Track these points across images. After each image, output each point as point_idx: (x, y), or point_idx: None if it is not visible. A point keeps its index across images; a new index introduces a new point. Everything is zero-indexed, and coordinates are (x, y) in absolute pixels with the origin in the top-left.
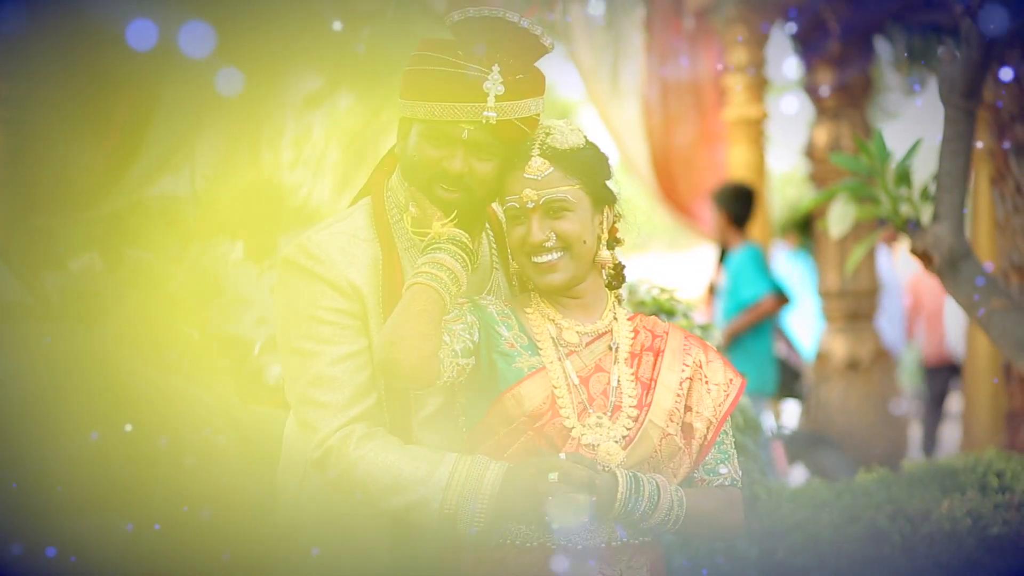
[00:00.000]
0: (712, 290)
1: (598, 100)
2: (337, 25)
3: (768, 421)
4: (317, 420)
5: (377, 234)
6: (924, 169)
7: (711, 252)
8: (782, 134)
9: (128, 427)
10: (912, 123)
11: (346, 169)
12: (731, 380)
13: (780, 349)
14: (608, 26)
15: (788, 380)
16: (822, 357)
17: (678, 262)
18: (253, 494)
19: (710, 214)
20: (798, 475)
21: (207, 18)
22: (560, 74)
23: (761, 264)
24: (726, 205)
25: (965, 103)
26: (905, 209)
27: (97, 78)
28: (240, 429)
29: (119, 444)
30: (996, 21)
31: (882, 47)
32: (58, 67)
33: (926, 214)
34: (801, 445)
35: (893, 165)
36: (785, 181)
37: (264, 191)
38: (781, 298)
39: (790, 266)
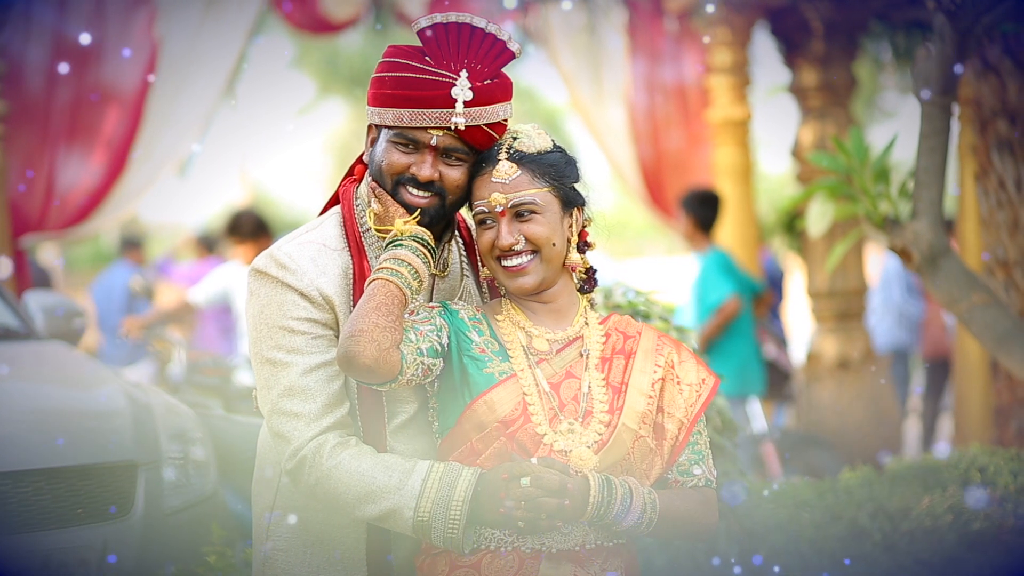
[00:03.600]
0: None
1: (582, 105)
2: None
3: (758, 422)
4: (290, 430)
5: (348, 243)
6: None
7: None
8: (777, 135)
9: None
10: (909, 121)
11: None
12: (703, 380)
13: (769, 350)
14: (589, 30)
15: (777, 381)
16: (813, 357)
17: (675, 266)
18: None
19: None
20: (791, 476)
21: None
22: (546, 79)
23: (725, 267)
24: (693, 211)
25: (940, 99)
26: (884, 206)
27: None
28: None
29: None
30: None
31: (867, 45)
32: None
33: (905, 211)
34: (793, 446)
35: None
36: (781, 182)
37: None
38: (760, 298)
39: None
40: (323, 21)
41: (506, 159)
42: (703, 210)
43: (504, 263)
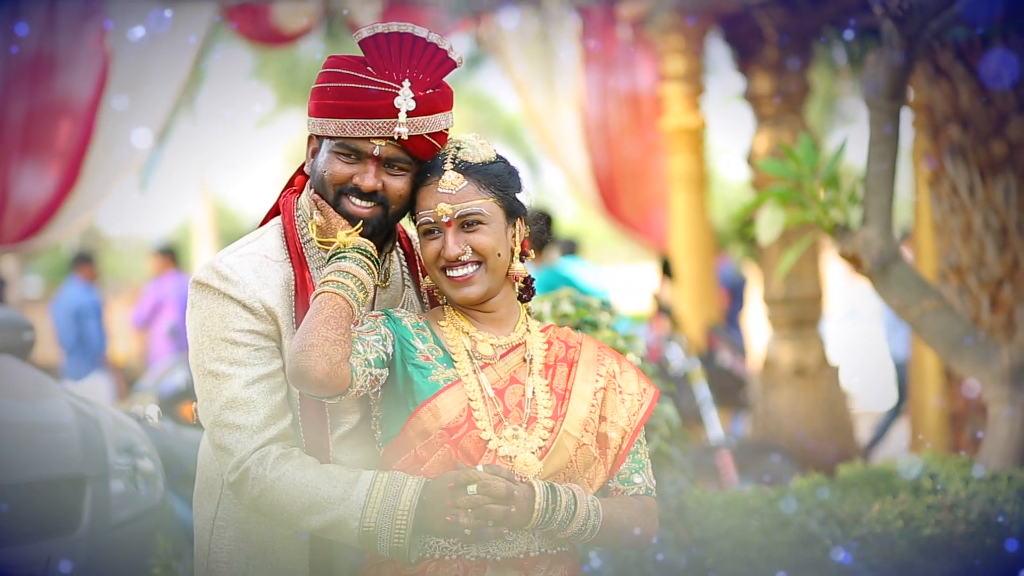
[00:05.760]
0: (658, 303)
1: (535, 114)
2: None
3: (715, 430)
4: (233, 443)
5: (289, 255)
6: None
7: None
8: (736, 142)
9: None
10: (867, 126)
11: None
12: (644, 390)
13: (725, 358)
14: (542, 39)
15: (733, 389)
16: (769, 364)
17: (636, 275)
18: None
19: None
20: (747, 484)
21: None
22: (505, 89)
23: (545, 287)
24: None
25: (890, 105)
26: (834, 213)
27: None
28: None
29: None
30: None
31: (822, 51)
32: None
33: (855, 217)
34: (750, 454)
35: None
36: (741, 190)
37: None
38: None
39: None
40: (275, 32)
41: (452, 169)
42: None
43: (449, 273)
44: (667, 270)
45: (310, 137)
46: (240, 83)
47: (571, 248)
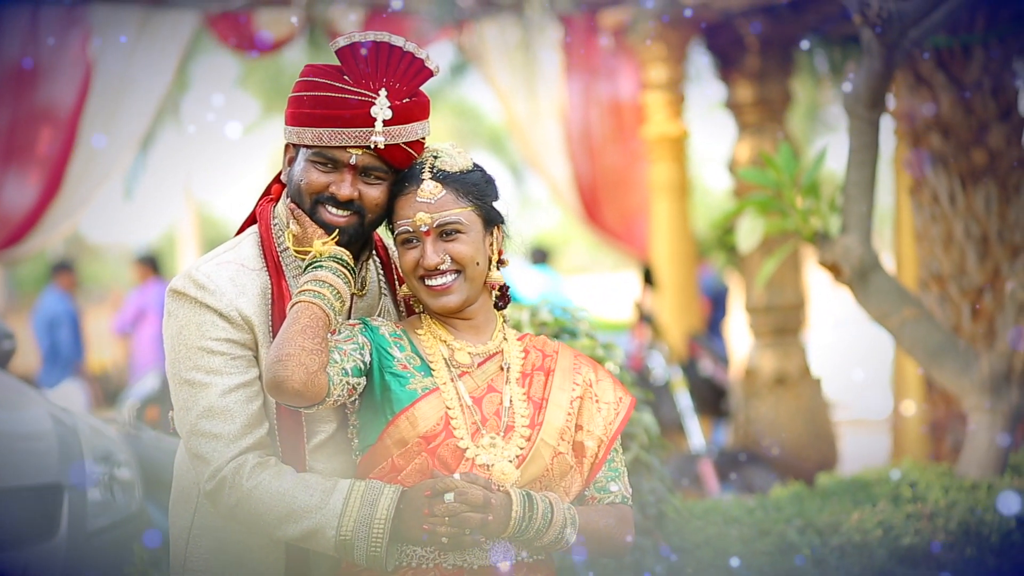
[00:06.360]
0: (640, 311)
1: (517, 123)
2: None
3: (696, 439)
4: (209, 451)
5: (266, 263)
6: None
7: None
8: (720, 150)
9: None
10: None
11: None
12: (620, 399)
13: (706, 366)
14: (524, 48)
15: (714, 397)
16: (750, 373)
17: (621, 283)
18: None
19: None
20: (728, 493)
21: None
22: (489, 98)
23: None
24: None
25: (869, 113)
26: (814, 221)
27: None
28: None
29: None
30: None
31: (804, 60)
32: None
33: (835, 225)
34: (731, 463)
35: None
36: (725, 198)
37: None
38: None
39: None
40: (257, 40)
41: (430, 178)
42: None
43: (428, 282)
44: (649, 278)
45: (287, 146)
46: (225, 91)
47: (542, 257)
